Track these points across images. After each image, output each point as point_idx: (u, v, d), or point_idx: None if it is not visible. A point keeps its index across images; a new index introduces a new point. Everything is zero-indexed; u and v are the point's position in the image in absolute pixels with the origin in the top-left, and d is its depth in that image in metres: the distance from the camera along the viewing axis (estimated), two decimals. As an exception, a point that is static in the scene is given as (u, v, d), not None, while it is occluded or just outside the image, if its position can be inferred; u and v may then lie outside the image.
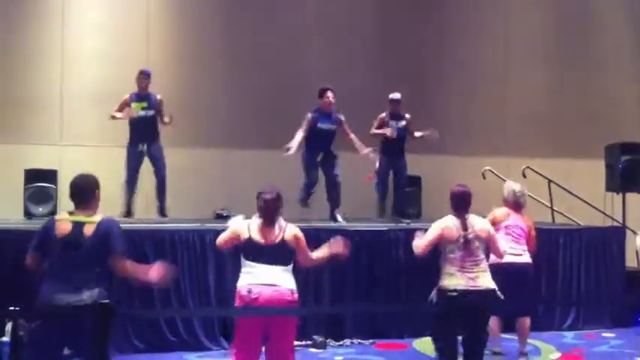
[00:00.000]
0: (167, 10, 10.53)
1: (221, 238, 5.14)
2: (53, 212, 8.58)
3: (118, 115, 8.10)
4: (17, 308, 4.30)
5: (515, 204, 6.58)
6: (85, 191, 4.47)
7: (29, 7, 9.88)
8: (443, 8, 11.41)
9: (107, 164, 8.96)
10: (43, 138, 9.77)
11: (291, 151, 7.97)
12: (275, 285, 4.77)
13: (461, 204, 5.45)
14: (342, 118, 8.31)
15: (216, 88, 10.38)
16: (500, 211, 6.56)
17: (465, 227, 5.34)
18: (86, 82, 9.94)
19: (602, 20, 12.14)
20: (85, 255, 4.26)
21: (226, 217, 9.40)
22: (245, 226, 4.99)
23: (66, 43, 9.96)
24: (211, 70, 10.43)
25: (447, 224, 5.40)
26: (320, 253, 5.17)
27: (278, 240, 4.89)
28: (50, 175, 9.23)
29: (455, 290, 5.16)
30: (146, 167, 8.34)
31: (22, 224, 8.13)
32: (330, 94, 8.24)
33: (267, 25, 10.56)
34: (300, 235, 5.03)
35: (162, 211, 8.29)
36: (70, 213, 4.43)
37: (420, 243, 5.45)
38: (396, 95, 8.83)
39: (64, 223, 4.34)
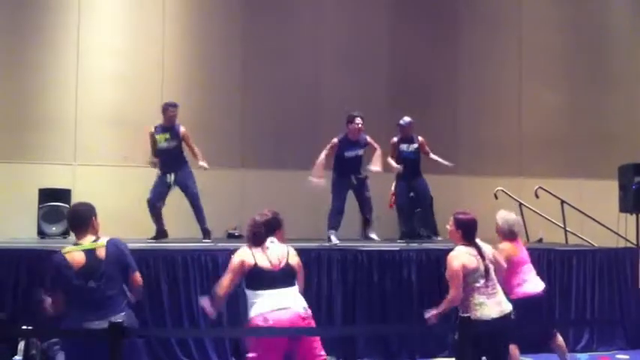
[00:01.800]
0: (182, 34, 10.60)
1: (224, 283, 4.90)
2: (66, 232, 8.62)
3: (155, 159, 8.14)
4: (30, 327, 4.34)
5: (511, 233, 6.48)
6: (84, 219, 4.53)
7: (46, 29, 9.99)
8: (457, 31, 11.45)
9: (120, 184, 9.08)
10: (58, 158, 9.85)
11: (320, 181, 8.01)
12: (288, 308, 4.72)
13: (472, 232, 5.42)
14: (368, 138, 8.35)
15: (230, 111, 10.45)
16: (507, 246, 6.38)
17: (482, 255, 5.31)
18: (101, 103, 10.02)
19: (615, 42, 12.15)
20: (106, 279, 4.33)
21: (238, 237, 9.46)
22: (247, 255, 4.89)
23: (81, 65, 10.06)
24: (226, 93, 10.50)
25: (463, 257, 5.34)
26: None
27: (283, 264, 4.85)
28: (64, 195, 9.31)
29: (492, 319, 5.12)
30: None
31: (35, 243, 8.18)
32: (358, 120, 8.27)
33: (281, 50, 10.62)
34: (300, 262, 5.01)
35: (205, 234, 8.27)
36: (76, 244, 4.46)
37: (454, 292, 5.27)
38: (405, 120, 8.88)
39: (75, 255, 4.37)
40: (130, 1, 10.45)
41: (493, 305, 5.21)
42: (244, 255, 4.90)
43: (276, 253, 4.89)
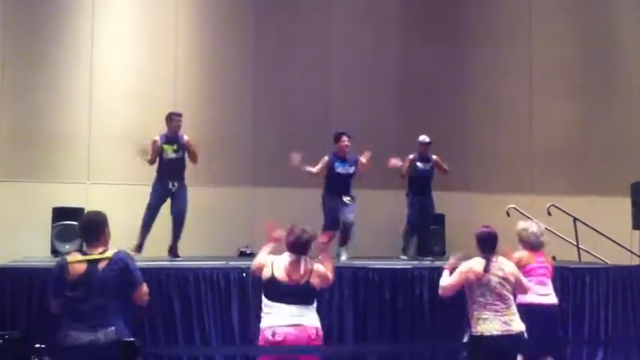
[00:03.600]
0: (194, 52, 10.68)
1: (255, 264, 5.16)
2: (80, 250, 8.65)
3: (150, 157, 8.20)
4: (42, 345, 4.36)
5: (537, 245, 6.47)
6: (96, 228, 4.56)
7: (59, 46, 10.08)
8: (467, 45, 11.44)
9: (134, 203, 9.07)
10: (71, 176, 9.90)
11: (297, 159, 8.10)
12: (299, 325, 4.73)
13: (488, 245, 5.43)
14: (358, 157, 8.44)
15: (241, 128, 10.50)
16: (523, 254, 6.42)
17: (495, 269, 5.30)
18: (114, 121, 10.09)
19: (626, 56, 12.13)
20: (100, 291, 4.30)
21: (250, 255, 9.47)
22: (269, 263, 4.98)
23: (94, 82, 10.13)
24: (237, 110, 10.55)
25: (473, 267, 5.35)
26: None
27: (303, 282, 4.85)
28: (77, 213, 9.30)
29: (490, 336, 5.12)
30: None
31: (48, 262, 8.20)
32: (345, 138, 8.41)
33: (292, 67, 10.67)
34: (323, 270, 5.01)
35: (174, 252, 8.28)
36: (83, 253, 4.48)
37: (445, 284, 5.43)
38: (426, 139, 9.07)
39: (77, 264, 4.39)
40: (142, 18, 10.55)
41: (498, 322, 5.19)
42: (264, 261, 5.03)
43: (301, 269, 4.89)
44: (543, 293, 6.32)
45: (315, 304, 4.91)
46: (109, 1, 10.32)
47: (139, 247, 8.10)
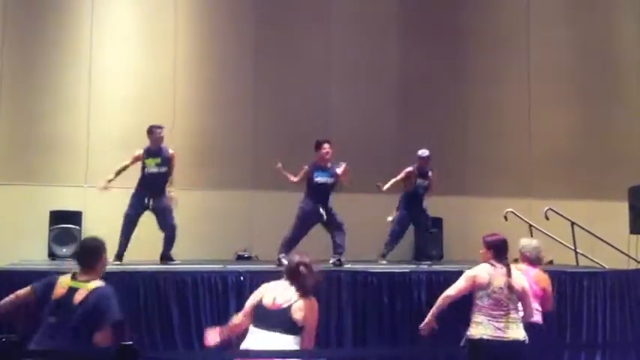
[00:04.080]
0: (194, 57, 10.68)
1: (236, 318, 4.84)
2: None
3: (113, 177, 8.07)
4: (40, 349, 4.35)
5: (537, 260, 6.44)
6: (91, 254, 4.55)
7: (58, 51, 10.09)
8: (466, 51, 11.47)
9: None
10: (69, 180, 9.89)
11: (278, 165, 8.02)
12: (273, 350, 4.38)
13: (503, 252, 5.42)
14: (339, 171, 8.13)
15: (240, 132, 10.50)
16: (520, 267, 6.32)
17: (504, 276, 5.30)
18: (112, 125, 10.09)
19: (625, 62, 12.16)
20: (71, 321, 4.29)
21: (248, 259, 9.48)
22: (261, 293, 4.72)
23: (93, 87, 10.14)
24: (236, 114, 10.56)
25: (479, 273, 5.34)
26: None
27: (284, 305, 4.52)
28: (75, 217, 9.36)
29: (480, 339, 5.11)
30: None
31: (46, 265, 8.21)
32: (326, 146, 8.19)
33: (291, 71, 10.69)
34: (310, 316, 4.56)
35: (166, 257, 8.15)
36: (73, 276, 4.47)
37: (450, 292, 5.40)
38: (425, 153, 8.99)
39: (61, 286, 4.41)
40: (141, 23, 10.56)
41: (490, 327, 5.17)
42: (259, 292, 4.75)
43: (285, 294, 4.61)
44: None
45: (298, 338, 4.50)
46: (108, 6, 10.33)
47: (119, 257, 7.97)
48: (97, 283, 4.45)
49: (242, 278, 6.98)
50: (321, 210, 8.04)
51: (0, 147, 9.75)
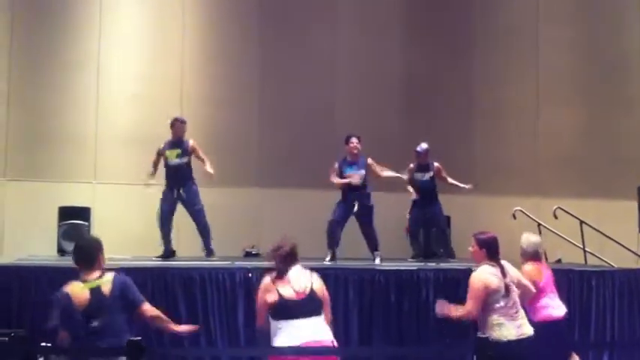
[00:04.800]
0: (201, 55, 10.71)
1: (259, 319, 4.86)
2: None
3: (152, 180, 8.29)
4: (48, 344, 4.37)
5: (535, 254, 6.44)
6: (92, 254, 4.56)
7: (66, 48, 10.13)
8: (473, 52, 11.45)
9: (140, 202, 9.12)
10: (78, 176, 9.94)
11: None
12: (319, 341, 4.55)
13: (496, 249, 5.39)
14: (369, 160, 8.32)
15: (246, 130, 10.52)
16: (531, 268, 6.22)
17: (504, 275, 5.28)
18: (120, 122, 10.13)
19: (632, 63, 12.10)
20: (111, 316, 4.34)
21: (256, 255, 9.49)
22: (269, 288, 4.75)
23: (101, 85, 10.17)
24: (243, 111, 10.58)
25: (487, 276, 5.30)
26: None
27: (308, 291, 4.69)
28: (84, 213, 9.39)
29: (507, 341, 5.07)
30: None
31: (55, 261, 8.24)
32: (354, 140, 8.30)
33: (298, 69, 10.69)
34: (326, 292, 4.85)
35: (208, 253, 8.35)
36: (83, 281, 4.46)
37: (470, 308, 5.26)
38: (422, 147, 8.96)
39: (80, 293, 4.38)
40: (149, 21, 10.58)
41: (512, 327, 5.17)
42: (267, 291, 4.74)
43: (301, 280, 4.74)
44: (559, 306, 6.27)
45: (323, 315, 4.74)
46: (116, 3, 10.35)
47: (166, 252, 8.19)
48: (111, 274, 4.50)
49: (250, 275, 6.97)
50: (355, 204, 8.21)
51: (9, 144, 9.80)
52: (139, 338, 3.96)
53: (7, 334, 5.91)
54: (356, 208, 8.25)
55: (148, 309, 4.55)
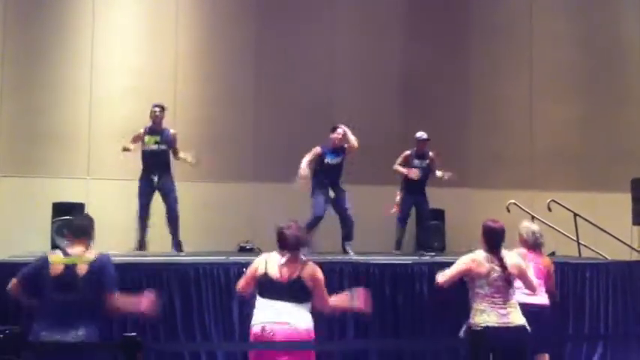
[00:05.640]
0: (195, 49, 10.69)
1: (240, 282, 5.06)
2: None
3: (131, 146, 8.19)
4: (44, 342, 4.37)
5: (535, 244, 6.47)
6: (81, 227, 4.65)
7: (60, 44, 10.11)
8: (468, 44, 11.46)
9: (133, 198, 9.07)
10: (71, 172, 9.92)
11: (303, 181, 8.05)
12: (288, 323, 4.63)
13: (495, 240, 5.41)
14: (346, 146, 8.33)
15: (242, 124, 10.52)
16: (519, 252, 6.38)
17: (497, 263, 5.30)
18: (114, 118, 10.10)
19: (627, 55, 12.12)
20: (78, 296, 4.36)
21: (250, 250, 9.49)
22: (262, 262, 4.90)
23: (95, 80, 10.15)
24: (238, 106, 10.57)
25: (476, 258, 5.35)
26: (339, 303, 4.98)
27: (294, 276, 4.75)
28: (78, 209, 9.33)
29: (486, 327, 5.10)
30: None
31: (49, 257, 8.20)
32: (340, 130, 8.35)
33: (294, 64, 10.69)
34: (320, 276, 4.86)
35: (177, 247, 8.25)
36: (65, 253, 4.51)
37: (445, 273, 5.39)
38: (423, 135, 9.03)
39: (57, 264, 4.44)
40: (142, 16, 10.55)
41: (494, 315, 5.19)
42: (258, 262, 4.93)
43: (290, 265, 4.81)
44: (529, 293, 6.27)
45: (308, 304, 4.78)
46: (109, 0, 10.32)
47: (140, 244, 8.11)
48: (93, 254, 4.53)
49: (245, 270, 6.96)
50: (329, 190, 8.23)
51: (2, 140, 9.77)
52: (134, 334, 3.97)
53: (1, 331, 5.93)
54: (332, 194, 8.25)
55: (115, 300, 4.50)
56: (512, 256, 5.50)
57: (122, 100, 10.18)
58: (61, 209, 9.26)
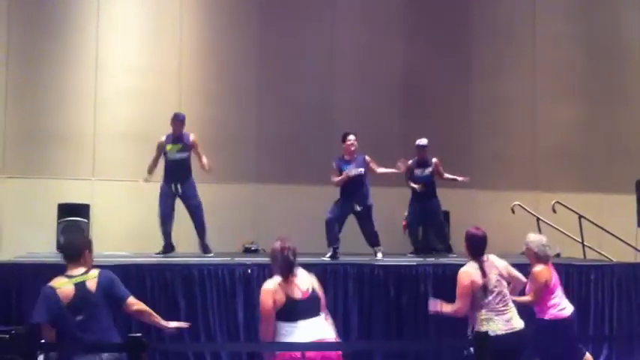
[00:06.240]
0: (199, 50, 10.70)
1: (265, 328, 4.61)
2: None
3: (151, 176, 8.23)
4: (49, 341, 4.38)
5: (546, 257, 6.43)
6: (78, 250, 4.60)
7: (64, 45, 10.11)
8: (471, 45, 11.45)
9: (138, 199, 9.13)
10: (76, 173, 9.94)
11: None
12: (325, 339, 4.57)
13: (477, 246, 5.42)
14: (367, 158, 8.25)
15: (246, 125, 10.52)
16: (542, 268, 6.21)
17: (484, 272, 5.31)
18: (118, 118, 10.12)
19: (629, 56, 12.11)
20: (96, 311, 4.38)
21: (255, 251, 9.50)
22: (273, 291, 4.63)
23: (99, 81, 10.17)
24: (241, 107, 10.58)
25: (471, 272, 5.35)
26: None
27: (310, 290, 4.66)
28: (83, 210, 9.39)
29: (495, 336, 5.08)
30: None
31: (54, 258, 8.23)
32: (351, 137, 8.24)
33: (297, 65, 10.69)
34: (321, 288, 4.83)
35: (204, 249, 8.31)
36: (67, 276, 4.50)
37: (459, 305, 5.33)
38: (423, 141, 8.99)
39: (65, 288, 4.42)
40: (147, 16, 10.56)
41: (501, 322, 5.21)
42: (274, 294, 4.61)
43: (304, 281, 4.71)
44: (568, 305, 6.26)
45: (323, 313, 4.74)
46: (114, 0, 10.34)
47: (166, 248, 8.17)
48: (96, 271, 4.54)
49: (249, 271, 6.99)
50: (353, 202, 8.16)
51: (8, 141, 9.79)
52: (139, 335, 3.97)
53: (7, 332, 5.95)
54: (357, 208, 8.20)
55: (134, 302, 4.59)
56: (497, 259, 5.52)
57: (127, 101, 10.20)
58: (66, 210, 9.30)
